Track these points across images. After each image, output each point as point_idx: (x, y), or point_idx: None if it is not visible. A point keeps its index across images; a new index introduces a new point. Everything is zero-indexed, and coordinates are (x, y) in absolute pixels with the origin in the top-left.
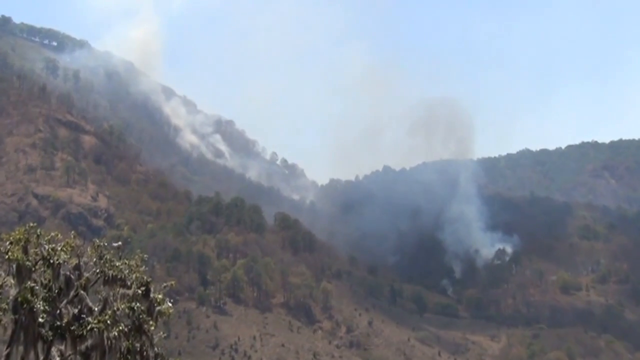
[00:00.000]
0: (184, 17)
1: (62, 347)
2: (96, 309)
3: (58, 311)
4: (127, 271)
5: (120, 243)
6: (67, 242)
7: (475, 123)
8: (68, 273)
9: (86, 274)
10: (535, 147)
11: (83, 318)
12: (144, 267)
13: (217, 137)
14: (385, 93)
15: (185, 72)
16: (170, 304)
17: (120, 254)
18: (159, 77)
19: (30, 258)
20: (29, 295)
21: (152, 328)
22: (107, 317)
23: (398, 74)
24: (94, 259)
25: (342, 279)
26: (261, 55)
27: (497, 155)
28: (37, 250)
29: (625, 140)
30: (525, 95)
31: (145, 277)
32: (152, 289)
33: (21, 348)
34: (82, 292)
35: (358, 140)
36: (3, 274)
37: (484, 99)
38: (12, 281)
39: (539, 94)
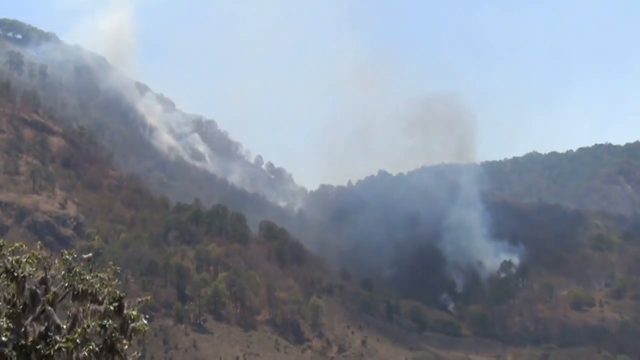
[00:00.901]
0: (160, 7)
1: None
2: (64, 326)
3: (23, 329)
4: (99, 285)
5: (90, 254)
6: (33, 254)
7: (478, 122)
8: (34, 287)
9: (53, 289)
10: (544, 149)
11: (50, 336)
12: (116, 280)
13: (197, 138)
14: (379, 89)
15: (162, 68)
16: (145, 321)
17: (90, 266)
18: (133, 73)
19: None
20: None
21: (126, 347)
22: (76, 335)
23: (393, 68)
24: (62, 272)
25: (333, 294)
26: (244, 50)
27: (502, 159)
28: None
29: None
30: (534, 93)
31: (118, 292)
32: (125, 305)
33: None
34: (49, 308)
35: (350, 142)
36: None
37: (487, 95)
38: None
39: (549, 91)
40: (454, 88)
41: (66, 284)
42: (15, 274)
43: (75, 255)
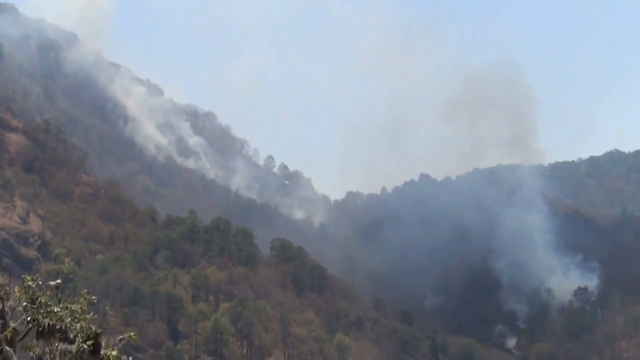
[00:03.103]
0: None
1: None
2: None
3: None
4: (69, 319)
5: (59, 281)
6: None
7: (543, 110)
8: None
9: (13, 324)
10: (628, 147)
11: None
12: (92, 313)
13: (192, 134)
14: (415, 69)
15: (148, 47)
16: None
17: (59, 295)
18: (110, 53)
19: None
20: None
21: None
22: None
23: (431, 41)
24: (24, 303)
25: (364, 329)
26: (249, 27)
27: (575, 159)
28: None
29: None
30: (619, 75)
31: (93, 328)
32: (103, 344)
33: None
34: (7, 348)
35: (382, 137)
36: None
37: (557, 75)
38: None
39: (638, 74)
40: (511, 62)
41: (29, 318)
42: None
43: (40, 282)
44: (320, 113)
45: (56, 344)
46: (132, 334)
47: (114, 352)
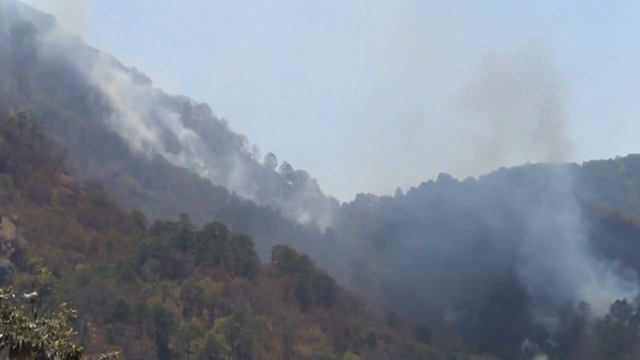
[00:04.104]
0: None
1: None
2: None
3: None
4: (47, 336)
5: (35, 293)
6: None
7: (576, 99)
8: None
9: None
10: None
11: None
12: (71, 329)
13: (184, 129)
14: (430, 54)
15: (134, 32)
16: None
17: (35, 309)
18: (92, 37)
19: None
20: None
21: None
22: None
23: (448, 21)
24: None
25: (376, 348)
26: (250, 9)
27: (613, 157)
28: None
29: None
30: None
31: (73, 346)
32: None
33: None
34: None
35: (395, 132)
36: None
37: (593, 57)
38: None
39: None
40: (539, 44)
41: (1, 335)
42: None
43: (14, 295)
44: (327, 106)
45: None
46: (116, 352)
47: None
